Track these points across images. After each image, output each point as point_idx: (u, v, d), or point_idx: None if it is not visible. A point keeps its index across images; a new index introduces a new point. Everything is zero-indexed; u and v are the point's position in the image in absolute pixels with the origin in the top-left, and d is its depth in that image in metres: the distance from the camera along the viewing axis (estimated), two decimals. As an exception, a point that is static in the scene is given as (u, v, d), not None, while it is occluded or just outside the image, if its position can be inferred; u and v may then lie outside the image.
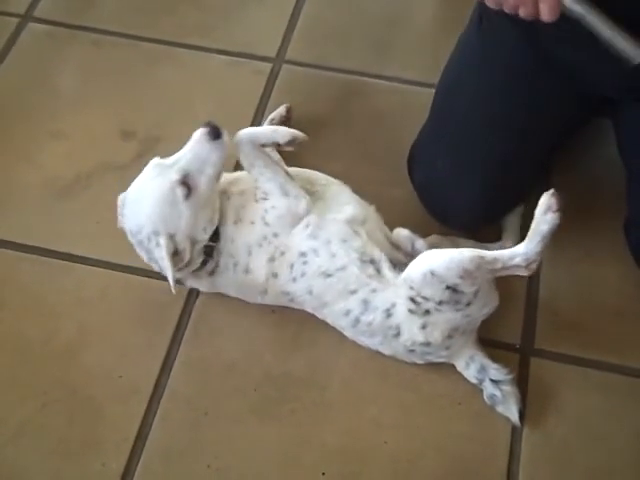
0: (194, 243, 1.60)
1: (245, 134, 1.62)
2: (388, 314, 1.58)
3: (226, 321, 1.76)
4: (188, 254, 1.60)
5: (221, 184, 1.65)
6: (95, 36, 2.27)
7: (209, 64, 2.20)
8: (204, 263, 1.65)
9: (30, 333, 1.75)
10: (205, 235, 1.61)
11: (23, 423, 1.64)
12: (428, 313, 1.55)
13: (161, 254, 1.57)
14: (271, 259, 1.62)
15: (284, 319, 1.75)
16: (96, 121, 2.09)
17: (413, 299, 1.55)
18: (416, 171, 1.83)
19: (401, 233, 1.69)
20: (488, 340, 1.68)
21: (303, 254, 1.61)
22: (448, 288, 1.52)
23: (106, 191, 1.93)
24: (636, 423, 1.64)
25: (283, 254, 1.62)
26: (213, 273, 1.67)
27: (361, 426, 1.63)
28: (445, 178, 1.72)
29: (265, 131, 1.67)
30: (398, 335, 1.59)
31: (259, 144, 1.62)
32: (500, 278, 1.61)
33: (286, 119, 1.99)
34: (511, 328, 1.72)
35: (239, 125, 1.99)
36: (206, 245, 1.62)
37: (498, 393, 1.61)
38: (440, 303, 1.54)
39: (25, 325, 1.77)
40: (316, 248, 1.61)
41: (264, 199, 1.63)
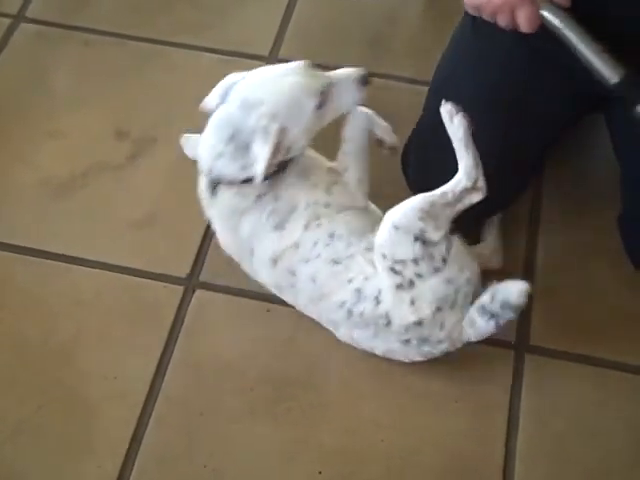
0: (286, 153, 1.58)
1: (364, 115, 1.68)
2: (377, 301, 1.56)
3: (221, 321, 1.76)
4: (279, 157, 1.56)
5: None
6: (88, 36, 2.26)
7: (202, 63, 2.20)
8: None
9: (27, 334, 1.76)
10: (292, 153, 1.60)
11: (21, 422, 1.64)
12: (413, 285, 1.54)
13: (266, 139, 1.52)
14: (306, 226, 1.61)
15: (279, 318, 1.75)
16: (91, 121, 2.09)
17: (392, 269, 1.54)
18: (410, 168, 1.83)
19: None
20: (483, 337, 1.69)
21: (331, 235, 1.60)
22: (417, 240, 1.52)
23: (101, 191, 1.96)
24: (631, 418, 1.64)
25: (319, 227, 1.61)
26: (258, 197, 1.61)
27: (357, 425, 1.63)
28: (439, 176, 1.72)
29: (381, 123, 1.71)
30: (389, 324, 1.57)
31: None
32: (496, 273, 1.62)
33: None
34: (506, 325, 1.71)
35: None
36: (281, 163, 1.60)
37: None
38: (416, 262, 1.53)
39: (22, 326, 1.77)
40: (342, 234, 1.61)
41: (339, 174, 1.66)
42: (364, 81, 1.61)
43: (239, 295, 1.79)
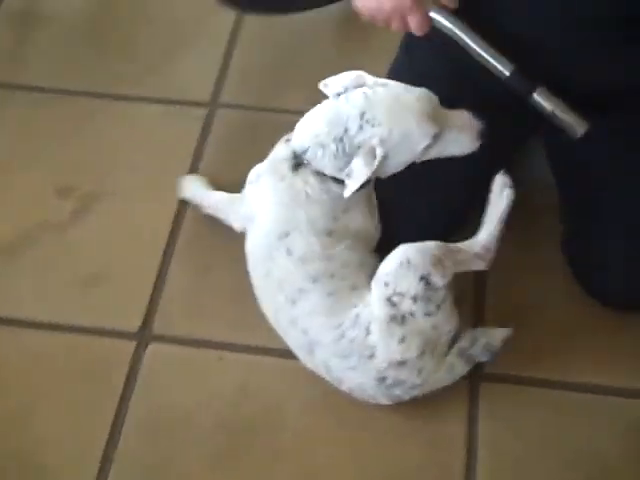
0: (376, 174, 1.57)
1: None
2: (367, 332, 1.56)
3: (175, 373, 1.75)
4: (372, 177, 1.56)
5: None
6: (29, 94, 2.26)
7: (144, 114, 2.20)
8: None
9: (-22, 403, 1.74)
10: (380, 175, 1.60)
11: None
12: (405, 321, 1.54)
13: (371, 161, 1.52)
14: (347, 246, 1.61)
15: (231, 366, 1.74)
16: (34, 180, 2.07)
17: (390, 299, 1.54)
18: None
19: None
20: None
21: (362, 263, 1.62)
22: (422, 279, 1.52)
23: (47, 250, 1.95)
24: (589, 438, 1.64)
25: (353, 250, 1.62)
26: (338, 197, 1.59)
27: (315, 469, 1.62)
28: (385, 202, 1.72)
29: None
30: (372, 357, 1.56)
31: None
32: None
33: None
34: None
35: (177, 173, 2.04)
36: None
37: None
38: (414, 300, 1.53)
39: (-29, 394, 1.75)
40: (370, 264, 1.62)
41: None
42: (480, 136, 1.58)
43: (191, 345, 1.78)
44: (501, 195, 1.60)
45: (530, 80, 1.55)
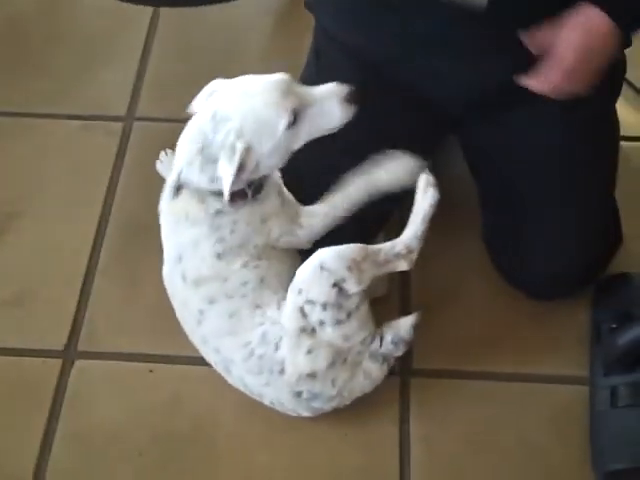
0: (253, 171, 1.50)
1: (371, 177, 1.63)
2: (276, 347, 1.55)
3: (104, 388, 1.73)
4: (246, 175, 1.49)
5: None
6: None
7: (60, 131, 2.17)
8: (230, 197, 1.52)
9: None
10: (262, 172, 1.53)
11: None
12: (314, 333, 1.53)
13: (232, 157, 1.45)
14: (244, 264, 1.57)
15: (163, 378, 1.73)
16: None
17: (302, 309, 1.52)
18: None
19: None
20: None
21: (262, 280, 1.58)
22: (335, 286, 1.50)
23: (-35, 277, 1.91)
24: (520, 428, 1.67)
25: (256, 267, 1.57)
26: (217, 212, 1.55)
27: (252, 474, 1.62)
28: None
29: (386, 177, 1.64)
30: (282, 372, 1.56)
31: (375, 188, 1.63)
32: (371, 303, 1.64)
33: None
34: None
35: (96, 189, 2.02)
36: (250, 185, 1.54)
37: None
38: (324, 307, 1.50)
39: None
40: (271, 282, 1.58)
41: (301, 227, 1.61)
42: (349, 99, 1.51)
43: (120, 359, 1.77)
44: (425, 195, 1.59)
45: None
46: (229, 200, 1.50)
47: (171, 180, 1.59)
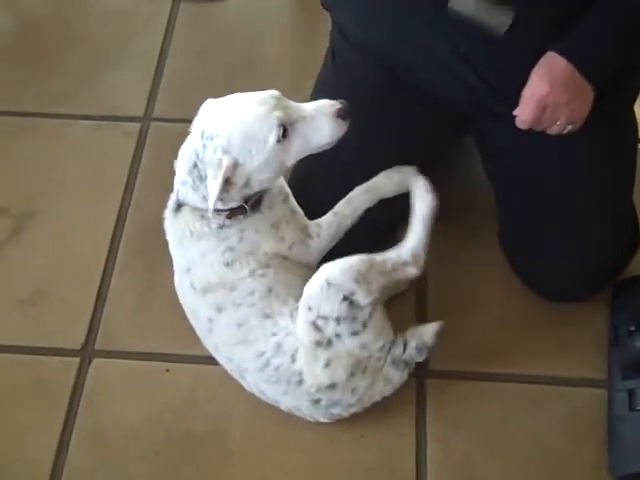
0: (245, 187, 1.51)
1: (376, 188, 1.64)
2: (293, 359, 1.56)
3: (121, 387, 1.74)
4: (235, 191, 1.50)
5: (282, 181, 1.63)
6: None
7: (77, 131, 2.19)
8: (229, 214, 1.55)
9: None
10: (257, 188, 1.53)
11: None
12: (330, 345, 1.53)
13: (216, 173, 1.46)
14: (252, 273, 1.57)
15: (179, 377, 1.74)
16: (-33, 202, 2.05)
17: (314, 323, 1.52)
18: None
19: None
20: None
21: (270, 290, 1.58)
22: (345, 299, 1.50)
23: (-16, 273, 1.92)
24: (534, 428, 1.67)
25: (263, 277, 1.57)
26: (220, 227, 1.56)
27: (266, 474, 1.63)
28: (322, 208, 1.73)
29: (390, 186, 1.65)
30: (301, 382, 1.56)
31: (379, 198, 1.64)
32: (388, 307, 1.64)
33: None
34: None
35: (113, 189, 2.03)
36: (247, 200, 1.55)
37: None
38: (338, 321, 1.51)
39: None
40: (280, 292, 1.58)
41: (310, 237, 1.62)
42: (341, 114, 1.50)
43: (137, 358, 1.78)
44: (422, 200, 1.59)
45: None
46: (227, 216, 1.54)
47: (171, 199, 1.61)
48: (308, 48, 2.24)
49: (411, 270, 1.57)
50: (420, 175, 1.59)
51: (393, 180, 1.65)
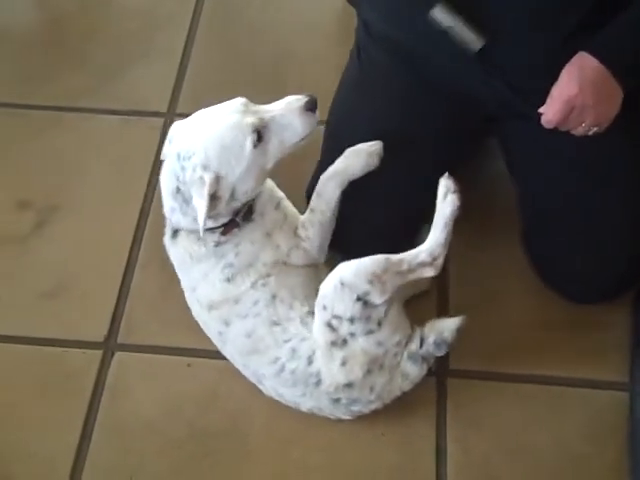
0: (231, 199, 1.53)
1: (339, 170, 1.62)
2: (309, 361, 1.56)
3: (143, 381, 1.75)
4: (221, 206, 1.52)
5: (271, 183, 1.65)
6: (-18, 109, 2.26)
7: (101, 125, 2.20)
8: (215, 235, 1.58)
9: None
10: (244, 198, 1.55)
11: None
12: (345, 344, 1.54)
13: (201, 191, 1.47)
14: (253, 284, 1.59)
15: (200, 372, 1.75)
16: (-9, 194, 2.07)
17: (329, 323, 1.53)
18: None
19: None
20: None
21: (274, 297, 1.59)
22: (359, 300, 1.50)
23: (8, 264, 1.94)
24: (553, 429, 1.67)
25: (264, 286, 1.59)
26: (217, 244, 1.58)
27: (286, 470, 1.64)
28: (346, 207, 1.73)
29: (359, 164, 1.63)
30: (319, 383, 1.57)
31: (348, 180, 1.62)
32: (408, 306, 1.64)
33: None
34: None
35: (136, 183, 2.04)
36: (235, 219, 1.57)
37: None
38: (352, 321, 1.51)
39: None
40: (284, 298, 1.60)
41: (302, 240, 1.63)
42: (309, 107, 1.53)
43: (159, 352, 1.79)
44: (445, 200, 1.57)
45: None
46: (222, 233, 1.56)
47: (167, 225, 1.63)
48: (339, 45, 2.23)
49: (427, 271, 1.55)
50: (446, 175, 1.58)
51: (361, 157, 1.64)
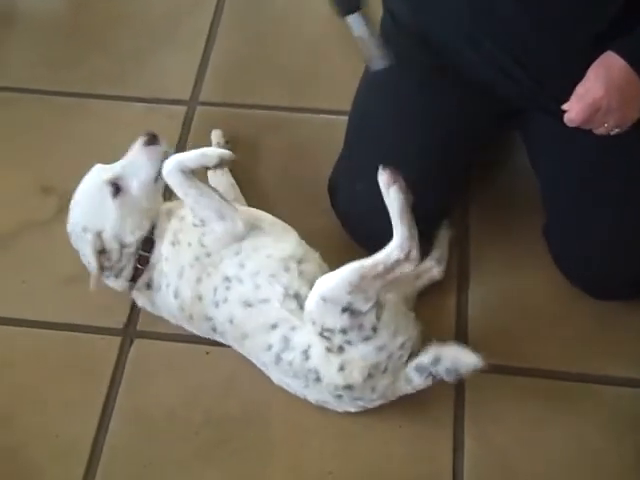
0: (123, 246, 1.66)
1: (172, 163, 1.62)
2: (306, 356, 1.57)
3: (161, 368, 1.76)
4: (116, 255, 1.66)
5: (168, 204, 1.72)
6: (7, 95, 2.26)
7: (123, 112, 2.20)
8: (138, 274, 1.68)
9: (-38, 400, 1.73)
10: (132, 239, 1.66)
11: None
12: (342, 350, 1.54)
13: (88, 250, 1.64)
14: (198, 280, 1.63)
15: (219, 360, 1.75)
16: (14, 179, 2.07)
17: (322, 335, 1.54)
18: (337, 198, 1.84)
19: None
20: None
21: (227, 279, 1.62)
22: (345, 311, 1.50)
23: (31, 249, 1.94)
24: (569, 425, 1.67)
25: (209, 275, 1.63)
26: (150, 288, 1.69)
27: (304, 459, 1.64)
28: (365, 200, 1.72)
29: (192, 156, 1.64)
30: (319, 380, 1.58)
31: (189, 171, 1.62)
32: (429, 301, 1.63)
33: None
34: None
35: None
36: (140, 254, 1.67)
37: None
38: (344, 332, 1.52)
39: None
40: (241, 277, 1.61)
41: (202, 225, 1.64)
42: (150, 142, 1.68)
43: (178, 340, 1.79)
44: (389, 196, 1.54)
45: (357, 2, 1.51)
46: (132, 279, 1.70)
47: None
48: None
49: (406, 266, 1.52)
50: (380, 170, 1.54)
51: (200, 152, 1.65)
